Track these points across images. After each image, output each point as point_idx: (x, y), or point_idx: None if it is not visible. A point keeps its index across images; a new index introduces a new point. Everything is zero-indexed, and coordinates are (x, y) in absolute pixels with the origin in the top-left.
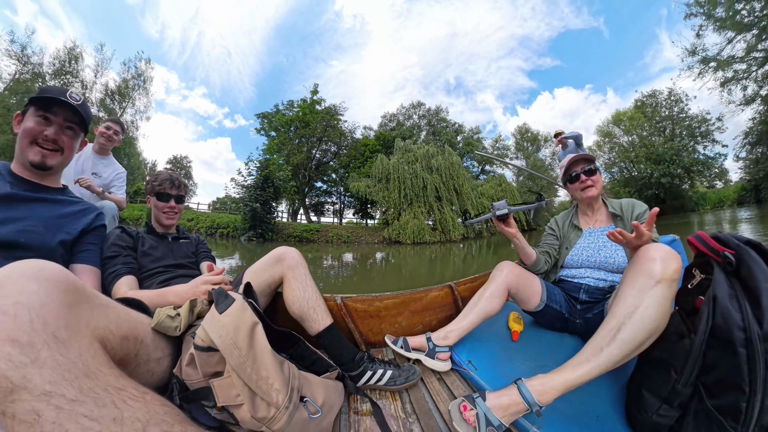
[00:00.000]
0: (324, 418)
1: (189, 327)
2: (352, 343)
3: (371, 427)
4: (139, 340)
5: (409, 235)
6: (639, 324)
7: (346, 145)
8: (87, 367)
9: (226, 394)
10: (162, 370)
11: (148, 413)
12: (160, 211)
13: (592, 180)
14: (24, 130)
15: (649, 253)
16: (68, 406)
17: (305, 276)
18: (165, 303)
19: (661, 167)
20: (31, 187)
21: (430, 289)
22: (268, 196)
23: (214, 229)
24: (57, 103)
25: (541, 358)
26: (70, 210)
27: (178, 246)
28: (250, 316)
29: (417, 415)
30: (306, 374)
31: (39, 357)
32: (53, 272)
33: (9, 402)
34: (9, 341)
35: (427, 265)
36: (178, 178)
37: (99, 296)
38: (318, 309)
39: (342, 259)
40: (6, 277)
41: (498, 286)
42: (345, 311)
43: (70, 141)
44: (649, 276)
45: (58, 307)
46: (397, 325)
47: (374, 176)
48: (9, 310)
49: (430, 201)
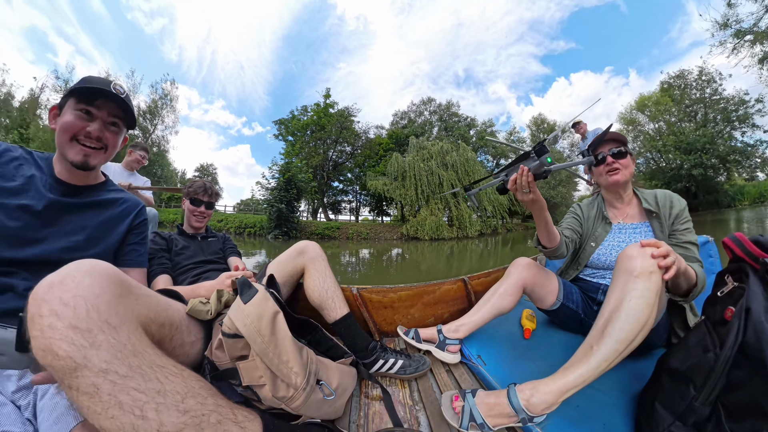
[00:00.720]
0: (337, 400)
1: (218, 315)
2: (366, 332)
3: (380, 411)
4: (175, 326)
5: (428, 231)
6: (624, 317)
7: (360, 145)
8: (134, 348)
9: (251, 376)
10: (195, 353)
11: (185, 387)
12: (192, 214)
13: (621, 164)
14: (63, 126)
15: (626, 251)
16: (121, 380)
17: (325, 267)
18: (196, 295)
19: (692, 157)
20: (72, 191)
21: (444, 282)
22: (291, 197)
23: (242, 228)
24: (101, 95)
25: (552, 358)
26: (113, 213)
27: (207, 244)
28: (272, 306)
29: (424, 403)
30: (323, 359)
31: (96, 340)
32: (104, 268)
33: (73, 378)
34: (71, 328)
35: (444, 260)
36: (212, 187)
37: (141, 288)
38: (336, 299)
39: (362, 255)
40: (66, 275)
41: (512, 282)
42: (360, 301)
43: (114, 138)
44: (628, 272)
45: (108, 298)
46: (409, 317)
47: (390, 174)
48: (70, 302)
49: (446, 197)
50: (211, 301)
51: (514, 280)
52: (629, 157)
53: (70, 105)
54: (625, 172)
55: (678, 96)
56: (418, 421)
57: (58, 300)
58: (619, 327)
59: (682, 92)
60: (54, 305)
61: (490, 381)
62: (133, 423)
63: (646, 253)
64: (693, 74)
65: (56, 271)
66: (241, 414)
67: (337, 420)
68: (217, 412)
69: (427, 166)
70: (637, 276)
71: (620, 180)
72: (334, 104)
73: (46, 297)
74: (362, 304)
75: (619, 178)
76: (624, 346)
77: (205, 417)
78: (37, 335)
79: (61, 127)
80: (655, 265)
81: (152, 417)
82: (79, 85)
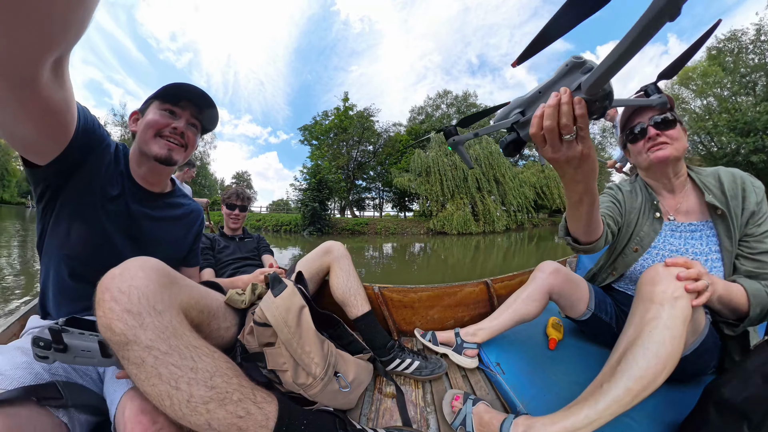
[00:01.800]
0: (351, 393)
1: (251, 305)
2: (385, 330)
3: (391, 408)
4: (212, 313)
5: (455, 226)
6: (641, 351)
7: (381, 144)
8: (175, 330)
9: (275, 361)
10: (230, 336)
11: (215, 366)
12: (228, 217)
13: (669, 135)
14: (148, 122)
15: (648, 274)
16: (162, 356)
17: (349, 266)
18: (234, 287)
19: (750, 140)
20: (151, 198)
21: (465, 284)
22: (324, 197)
23: (279, 226)
24: (186, 95)
25: (577, 373)
26: (183, 225)
27: (244, 244)
28: (298, 300)
29: (435, 406)
30: (342, 353)
31: (144, 322)
32: (153, 264)
33: (125, 350)
34: (126, 311)
35: (470, 255)
36: (244, 192)
37: (185, 279)
38: (358, 296)
39: (391, 249)
40: (124, 269)
41: (538, 288)
42: (381, 299)
43: (194, 138)
44: (649, 299)
45: (156, 288)
46: (429, 318)
47: (414, 170)
48: (125, 291)
49: (471, 192)
50: (246, 292)
51: (540, 286)
52: (679, 126)
53: (155, 106)
54: (677, 146)
55: (730, 64)
56: (428, 423)
57: (117, 289)
58: (635, 363)
59: (736, 58)
60: (114, 293)
61: (507, 391)
62: (169, 392)
63: (671, 275)
64: (749, 35)
65: (117, 266)
66: (260, 395)
67: (349, 411)
68: (239, 392)
69: (450, 160)
70: (660, 303)
71: (668, 156)
72: (353, 106)
73: (108, 286)
74: (383, 302)
75: (666, 153)
76: (640, 385)
77: (229, 394)
78: (100, 315)
79: (147, 123)
80: (682, 289)
81: (184, 389)
82: (163, 90)
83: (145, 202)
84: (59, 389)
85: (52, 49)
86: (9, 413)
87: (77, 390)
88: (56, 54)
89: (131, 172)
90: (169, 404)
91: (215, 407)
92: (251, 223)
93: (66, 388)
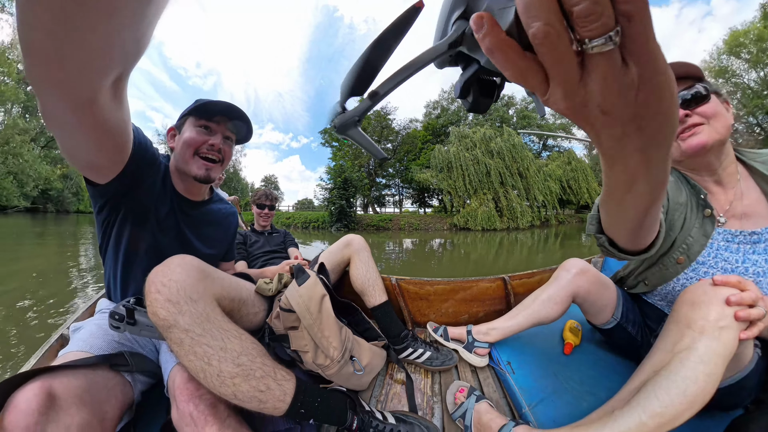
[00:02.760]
0: (364, 376)
1: (278, 292)
2: (400, 320)
3: (400, 393)
4: (242, 301)
5: (480, 222)
6: (666, 384)
7: (399, 141)
8: (208, 316)
9: (298, 343)
10: (259, 320)
11: (242, 347)
12: (258, 216)
13: (703, 113)
14: (186, 141)
15: (690, 292)
16: (197, 338)
17: (368, 258)
18: (263, 277)
19: None
20: (194, 207)
21: (481, 279)
22: (350, 195)
23: (308, 223)
24: (220, 110)
25: (591, 383)
26: (223, 227)
27: (272, 238)
28: (320, 289)
29: (442, 396)
30: (358, 339)
31: (182, 309)
32: (190, 261)
33: (168, 332)
34: (167, 301)
35: (494, 252)
36: (271, 193)
37: (218, 272)
38: (376, 287)
39: (414, 245)
40: (165, 266)
41: (561, 289)
42: (398, 290)
43: (229, 151)
44: (686, 325)
45: (192, 281)
46: (443, 311)
47: (435, 166)
48: (167, 284)
49: (494, 187)
50: (273, 281)
51: (563, 286)
52: (716, 98)
53: (190, 122)
54: (716, 126)
55: None
56: (433, 412)
57: (160, 282)
58: (655, 396)
59: None
60: (158, 285)
61: (515, 392)
62: (202, 367)
63: (719, 297)
64: None
65: (161, 263)
66: (280, 373)
67: (361, 393)
68: (262, 369)
69: (471, 155)
70: (700, 331)
71: (706, 143)
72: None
73: (154, 280)
74: (400, 293)
75: (703, 139)
76: (656, 422)
77: (252, 371)
78: (148, 304)
79: (185, 142)
80: (731, 317)
81: (215, 365)
82: (198, 105)
83: (189, 210)
84: (126, 357)
85: (114, 70)
86: (90, 373)
87: (139, 358)
88: (117, 74)
89: (174, 186)
90: (203, 377)
91: (240, 381)
92: (281, 220)
93: (131, 356)
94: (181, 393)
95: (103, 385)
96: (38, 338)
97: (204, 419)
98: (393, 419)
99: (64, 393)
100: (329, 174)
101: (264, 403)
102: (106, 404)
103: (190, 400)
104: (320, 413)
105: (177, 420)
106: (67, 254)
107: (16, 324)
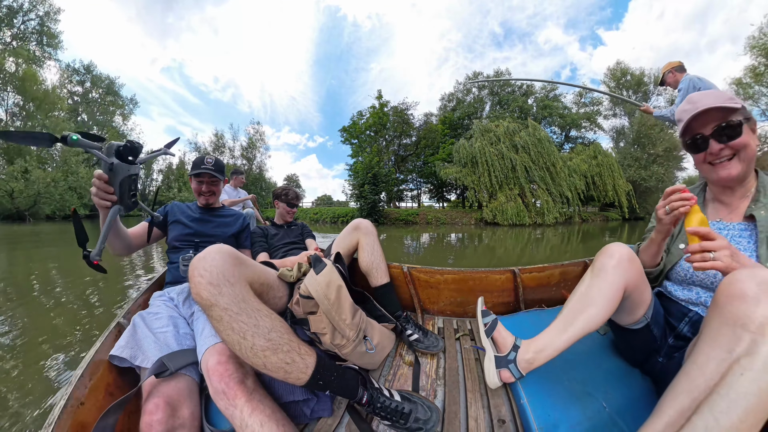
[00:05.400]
0: (376, 355)
1: (298, 280)
2: (410, 307)
3: (406, 374)
4: (270, 285)
5: (509, 217)
6: (724, 404)
7: (420, 136)
8: (243, 297)
9: (317, 326)
10: (282, 304)
11: (272, 324)
12: (286, 212)
13: (734, 146)
14: (193, 189)
15: (735, 285)
16: (234, 315)
17: (374, 242)
18: (284, 266)
19: None
20: (208, 213)
21: (491, 270)
22: (379, 189)
23: (336, 218)
24: (202, 166)
25: (592, 385)
26: (227, 221)
27: (291, 231)
28: (337, 277)
29: (445, 380)
30: (371, 320)
31: (221, 291)
32: (227, 249)
33: (210, 310)
34: (209, 283)
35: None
36: (298, 193)
37: (249, 260)
38: (379, 269)
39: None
40: (207, 253)
41: (611, 284)
42: (409, 278)
43: (216, 187)
44: (741, 325)
45: (230, 266)
46: (452, 300)
47: (458, 161)
48: (208, 269)
49: (521, 182)
50: (293, 270)
51: (613, 282)
52: (745, 127)
53: (192, 177)
54: (744, 156)
55: None
56: (436, 393)
57: (202, 267)
58: (715, 422)
59: None
60: (200, 270)
61: (525, 408)
62: (238, 340)
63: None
64: None
65: (203, 251)
66: (304, 349)
67: (372, 371)
68: (288, 345)
69: (496, 149)
70: (762, 332)
71: (736, 175)
72: (387, 103)
73: (197, 265)
74: (410, 281)
75: (733, 173)
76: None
77: (280, 346)
78: (192, 286)
79: (193, 189)
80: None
81: (249, 339)
82: (192, 171)
83: (207, 215)
84: (165, 364)
85: (130, 251)
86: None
87: (179, 355)
88: (132, 250)
89: (198, 202)
90: (238, 349)
91: (270, 354)
92: (309, 216)
93: (169, 359)
94: (213, 373)
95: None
96: (103, 321)
97: (234, 393)
98: (399, 397)
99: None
100: (354, 171)
101: (289, 374)
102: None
103: (221, 379)
104: (336, 386)
105: (213, 394)
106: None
107: (88, 309)
